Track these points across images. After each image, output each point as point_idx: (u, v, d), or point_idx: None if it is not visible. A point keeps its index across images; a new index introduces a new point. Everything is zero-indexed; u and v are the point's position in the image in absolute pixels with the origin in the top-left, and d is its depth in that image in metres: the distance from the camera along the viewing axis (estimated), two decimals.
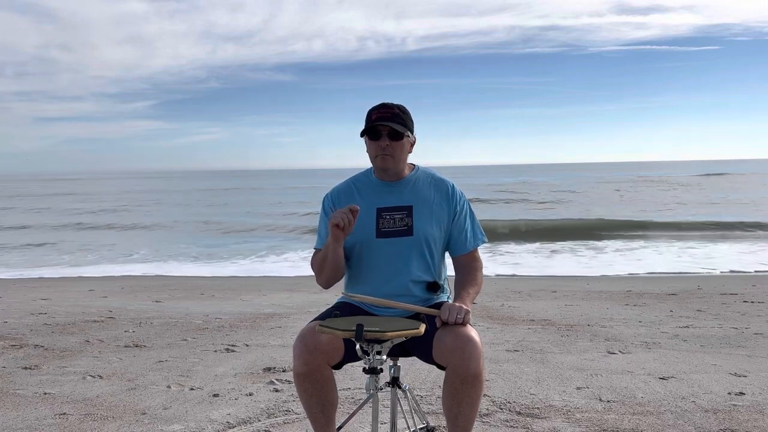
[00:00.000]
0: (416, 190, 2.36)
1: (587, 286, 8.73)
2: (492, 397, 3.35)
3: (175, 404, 3.32)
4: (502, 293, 7.79)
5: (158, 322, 5.82)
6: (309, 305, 6.91)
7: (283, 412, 3.18)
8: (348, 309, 2.32)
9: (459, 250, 2.37)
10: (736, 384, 3.57)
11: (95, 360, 4.31)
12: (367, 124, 2.28)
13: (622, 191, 37.36)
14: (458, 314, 2.08)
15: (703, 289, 7.84)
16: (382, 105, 2.30)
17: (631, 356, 4.30)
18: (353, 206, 2.13)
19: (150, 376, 3.89)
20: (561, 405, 3.24)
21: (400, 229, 2.30)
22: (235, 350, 4.60)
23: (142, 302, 7.31)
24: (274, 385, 3.65)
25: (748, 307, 6.45)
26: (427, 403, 3.26)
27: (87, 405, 3.31)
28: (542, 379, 3.73)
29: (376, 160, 2.31)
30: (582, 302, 6.97)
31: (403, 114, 2.30)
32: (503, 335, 5.08)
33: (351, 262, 2.36)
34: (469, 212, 2.41)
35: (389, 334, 1.91)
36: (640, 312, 6.25)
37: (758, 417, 3.03)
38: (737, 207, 24.35)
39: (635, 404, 3.24)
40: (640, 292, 7.68)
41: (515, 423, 3.00)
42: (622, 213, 22.29)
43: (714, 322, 5.61)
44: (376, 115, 2.27)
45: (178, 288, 8.99)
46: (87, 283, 9.96)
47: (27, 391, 3.55)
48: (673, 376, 3.76)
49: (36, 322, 5.80)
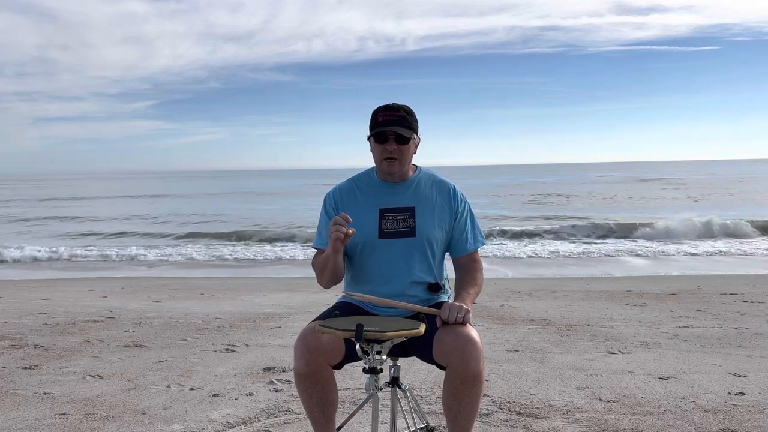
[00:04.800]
0: (419, 192, 2.36)
1: (587, 286, 8.73)
2: (492, 397, 3.35)
3: (175, 404, 3.32)
4: (502, 293, 7.79)
5: (158, 322, 5.82)
6: (309, 305, 6.91)
7: (283, 412, 3.18)
8: (348, 309, 2.32)
9: (459, 251, 2.38)
10: (736, 384, 3.57)
11: (95, 360, 4.31)
12: (373, 125, 2.28)
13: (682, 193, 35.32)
14: (458, 314, 2.08)
15: (703, 289, 7.84)
16: (388, 106, 2.29)
17: (631, 356, 4.30)
18: (343, 215, 2.12)
19: (150, 376, 3.89)
20: (561, 405, 3.24)
21: (402, 230, 2.30)
22: (235, 350, 4.60)
23: (142, 302, 7.31)
24: (274, 385, 3.65)
25: (748, 307, 6.44)
26: (427, 403, 3.26)
27: (87, 405, 3.31)
28: (542, 379, 3.73)
29: (383, 164, 2.31)
30: (582, 302, 6.97)
31: (409, 116, 2.29)
32: (503, 335, 5.08)
33: (353, 262, 2.36)
34: (470, 214, 2.42)
35: (389, 334, 1.91)
36: (640, 312, 6.25)
37: (758, 417, 3.03)
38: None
39: (635, 404, 3.24)
40: (640, 292, 7.68)
41: (515, 423, 3.00)
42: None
43: (714, 322, 5.61)
44: (383, 117, 2.26)
45: (178, 288, 8.99)
46: (87, 283, 9.96)
47: (27, 391, 3.55)
48: (673, 376, 3.76)
49: (36, 322, 5.80)
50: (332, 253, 2.18)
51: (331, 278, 2.30)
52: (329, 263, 2.22)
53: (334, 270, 2.25)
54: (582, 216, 20.71)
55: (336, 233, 2.10)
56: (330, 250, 2.18)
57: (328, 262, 2.23)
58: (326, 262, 2.23)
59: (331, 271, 2.25)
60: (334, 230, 2.10)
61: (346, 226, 2.10)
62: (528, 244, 15.14)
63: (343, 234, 2.10)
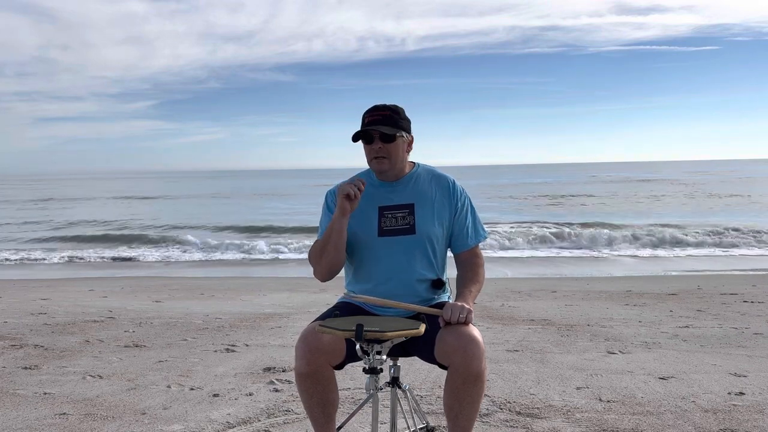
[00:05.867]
0: (417, 188, 2.36)
1: (587, 286, 8.73)
2: (492, 397, 3.35)
3: (175, 404, 3.32)
4: (502, 293, 7.79)
5: (158, 322, 5.82)
6: (309, 305, 6.91)
7: (283, 412, 3.18)
8: (348, 309, 2.32)
9: (460, 246, 2.37)
10: (736, 384, 3.57)
11: (95, 360, 4.31)
12: (360, 128, 2.30)
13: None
14: (461, 314, 2.08)
15: (703, 289, 7.84)
16: (374, 108, 2.30)
17: (631, 356, 4.30)
18: (361, 179, 2.19)
19: (150, 376, 3.89)
20: (561, 405, 3.24)
21: (402, 227, 2.30)
22: (235, 350, 4.60)
23: (142, 302, 7.31)
24: (274, 385, 3.65)
25: (748, 307, 6.44)
26: (427, 403, 3.26)
27: (87, 405, 3.31)
28: (542, 379, 3.73)
29: (372, 163, 2.32)
30: (582, 302, 6.97)
31: (396, 114, 2.29)
32: (503, 335, 5.08)
33: (353, 261, 2.35)
34: (470, 208, 2.40)
35: (389, 334, 1.91)
36: (640, 312, 6.25)
37: (758, 417, 3.03)
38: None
39: (635, 404, 3.24)
40: (640, 292, 7.68)
41: (515, 423, 3.00)
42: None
43: (714, 322, 5.61)
44: (368, 119, 2.28)
45: (178, 288, 8.99)
46: (87, 283, 9.96)
47: (27, 391, 3.55)
48: (672, 376, 3.76)
49: (36, 322, 5.80)
50: (338, 217, 2.18)
51: (331, 260, 2.24)
52: (332, 236, 2.20)
53: (336, 247, 2.21)
54: (578, 220, 20.50)
55: (348, 189, 2.13)
56: (337, 214, 2.18)
57: (330, 236, 2.20)
58: (329, 235, 2.21)
59: (333, 247, 2.21)
60: (347, 187, 2.13)
61: (358, 185, 2.15)
62: (528, 245, 15.12)
63: (354, 192, 2.13)
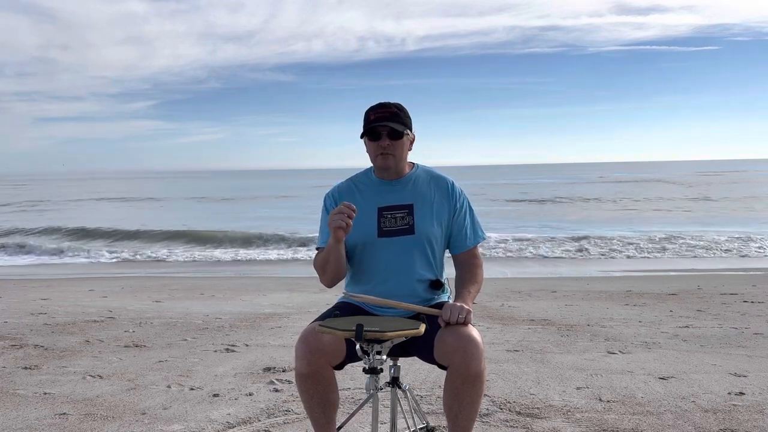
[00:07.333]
0: (417, 189, 2.36)
1: (587, 286, 8.73)
2: (492, 397, 3.35)
3: (175, 404, 3.32)
4: (502, 293, 7.79)
5: (158, 322, 5.82)
6: (309, 305, 6.91)
7: (283, 412, 3.18)
8: (348, 309, 2.32)
9: (459, 247, 2.38)
10: (736, 384, 3.57)
11: (95, 360, 4.31)
12: (365, 125, 2.29)
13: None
14: (460, 314, 2.08)
15: (703, 289, 7.84)
16: (380, 105, 2.31)
17: (631, 356, 4.30)
18: (348, 204, 2.13)
19: (150, 376, 3.89)
20: (561, 405, 3.24)
21: (401, 228, 2.30)
22: (235, 350, 4.60)
23: (142, 302, 7.31)
24: (274, 385, 3.65)
25: (748, 307, 6.45)
26: (427, 403, 3.26)
27: (87, 405, 3.31)
28: (542, 379, 3.73)
29: (377, 159, 2.32)
30: (582, 302, 6.97)
31: (401, 112, 2.30)
32: (503, 335, 5.08)
33: (353, 262, 2.36)
34: (469, 209, 2.41)
35: (389, 334, 1.91)
36: (640, 312, 6.25)
37: (758, 417, 3.03)
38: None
39: (635, 404, 3.24)
40: (640, 292, 7.68)
41: (515, 423, 3.00)
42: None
43: (714, 322, 5.61)
44: (375, 116, 2.28)
45: (178, 288, 8.99)
46: (87, 283, 9.95)
47: (27, 391, 3.55)
48: (673, 376, 3.76)
49: (36, 322, 5.80)
50: (334, 244, 2.17)
51: (334, 274, 2.28)
52: (331, 256, 2.22)
53: (337, 264, 2.24)
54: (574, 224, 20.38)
55: (338, 221, 2.10)
56: (332, 241, 2.17)
57: (330, 256, 2.22)
58: (328, 255, 2.23)
59: (334, 265, 2.24)
60: (336, 218, 2.10)
61: (347, 216, 2.10)
62: (527, 245, 15.10)
63: (345, 223, 2.10)
